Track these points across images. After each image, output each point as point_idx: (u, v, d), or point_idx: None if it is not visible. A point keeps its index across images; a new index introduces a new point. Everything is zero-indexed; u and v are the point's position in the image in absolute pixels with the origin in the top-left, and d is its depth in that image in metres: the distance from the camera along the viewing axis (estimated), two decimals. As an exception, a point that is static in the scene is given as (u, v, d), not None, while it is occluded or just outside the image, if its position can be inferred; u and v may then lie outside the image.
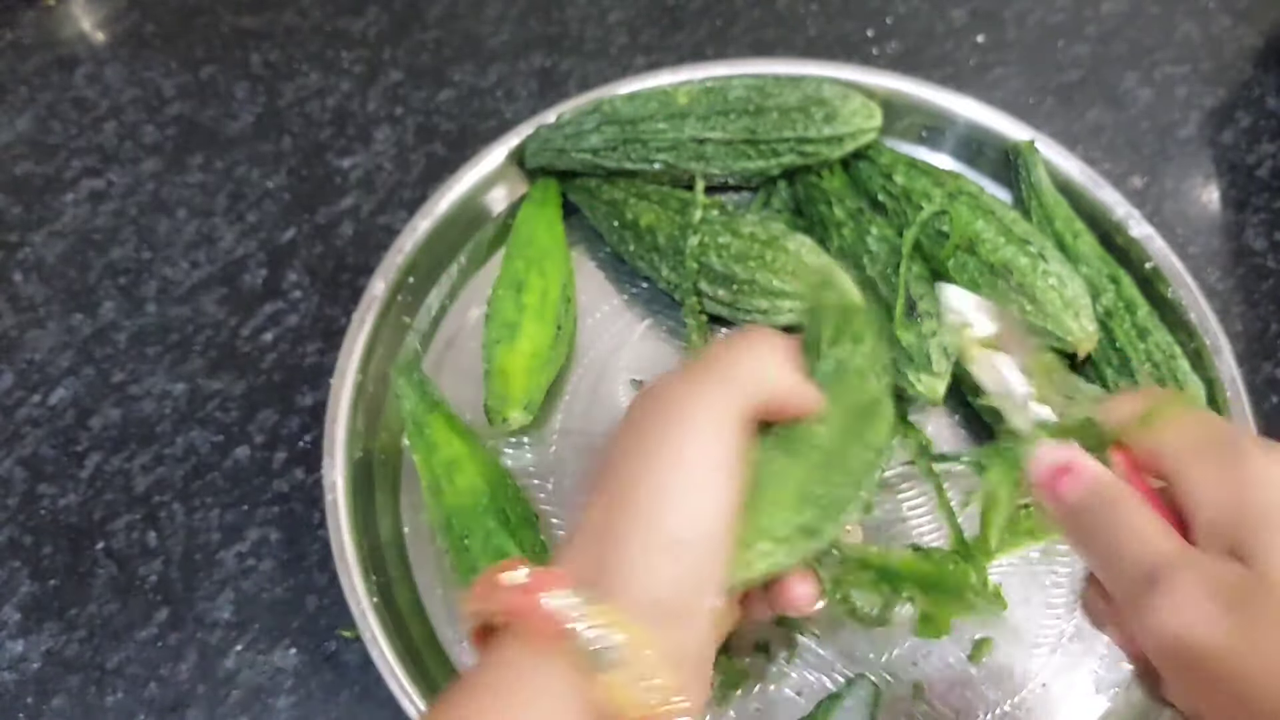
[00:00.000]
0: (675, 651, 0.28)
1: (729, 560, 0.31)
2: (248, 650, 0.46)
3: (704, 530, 0.30)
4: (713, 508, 0.30)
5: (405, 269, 0.50)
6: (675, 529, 0.29)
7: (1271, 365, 0.52)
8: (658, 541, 0.29)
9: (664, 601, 0.29)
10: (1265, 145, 0.60)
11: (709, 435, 0.30)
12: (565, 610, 0.28)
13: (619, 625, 0.27)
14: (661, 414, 0.31)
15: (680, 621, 0.29)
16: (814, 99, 0.51)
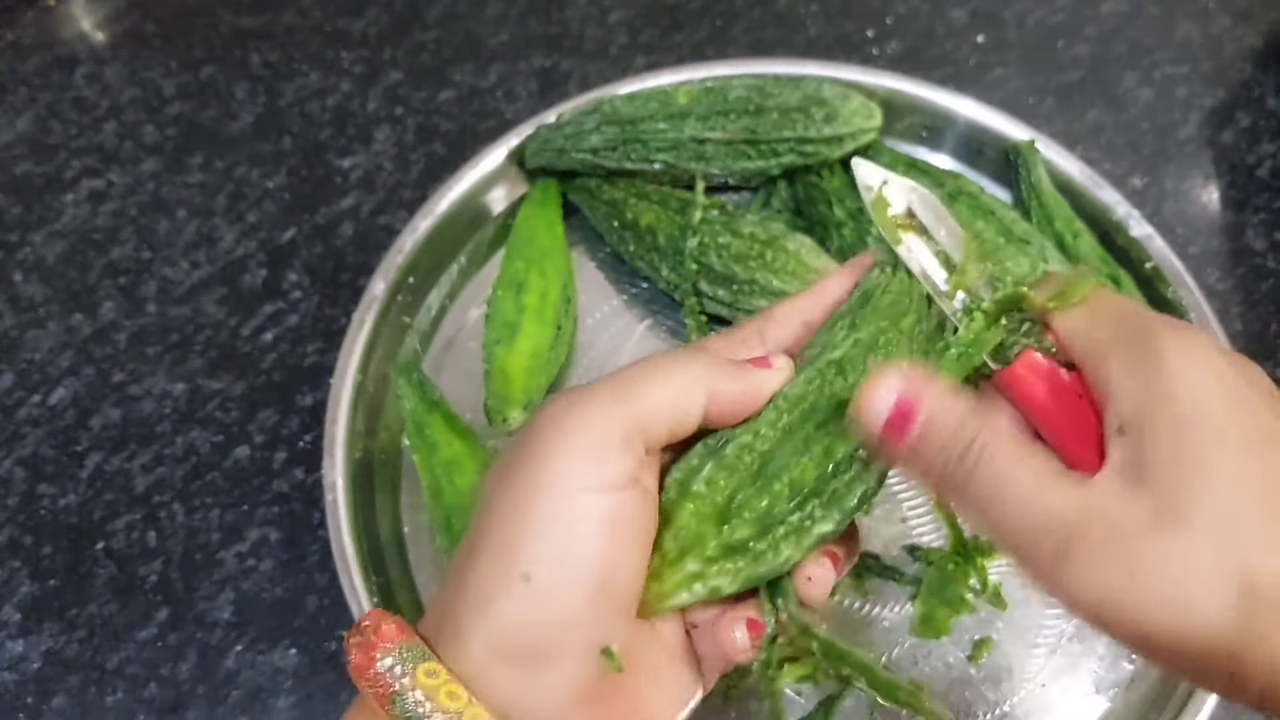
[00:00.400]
0: (530, 702, 0.26)
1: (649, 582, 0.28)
2: (248, 650, 0.46)
3: (566, 563, 0.26)
4: (579, 535, 0.26)
5: (405, 269, 0.50)
6: (527, 563, 0.26)
7: (1271, 365, 0.52)
8: (506, 578, 0.26)
9: (515, 645, 0.26)
10: (1265, 145, 0.60)
11: (580, 457, 0.26)
12: (391, 669, 0.25)
13: (442, 682, 0.25)
14: (533, 435, 0.27)
15: (539, 665, 0.26)
16: (814, 99, 0.51)
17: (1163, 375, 0.25)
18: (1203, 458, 0.24)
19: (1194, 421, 0.24)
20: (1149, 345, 0.26)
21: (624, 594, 0.27)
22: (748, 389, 0.29)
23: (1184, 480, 0.24)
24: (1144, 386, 0.25)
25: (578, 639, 0.26)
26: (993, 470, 0.25)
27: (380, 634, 0.26)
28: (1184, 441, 0.24)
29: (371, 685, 0.26)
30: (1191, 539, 0.23)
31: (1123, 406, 0.25)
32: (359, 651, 0.26)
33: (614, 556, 0.26)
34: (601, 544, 0.26)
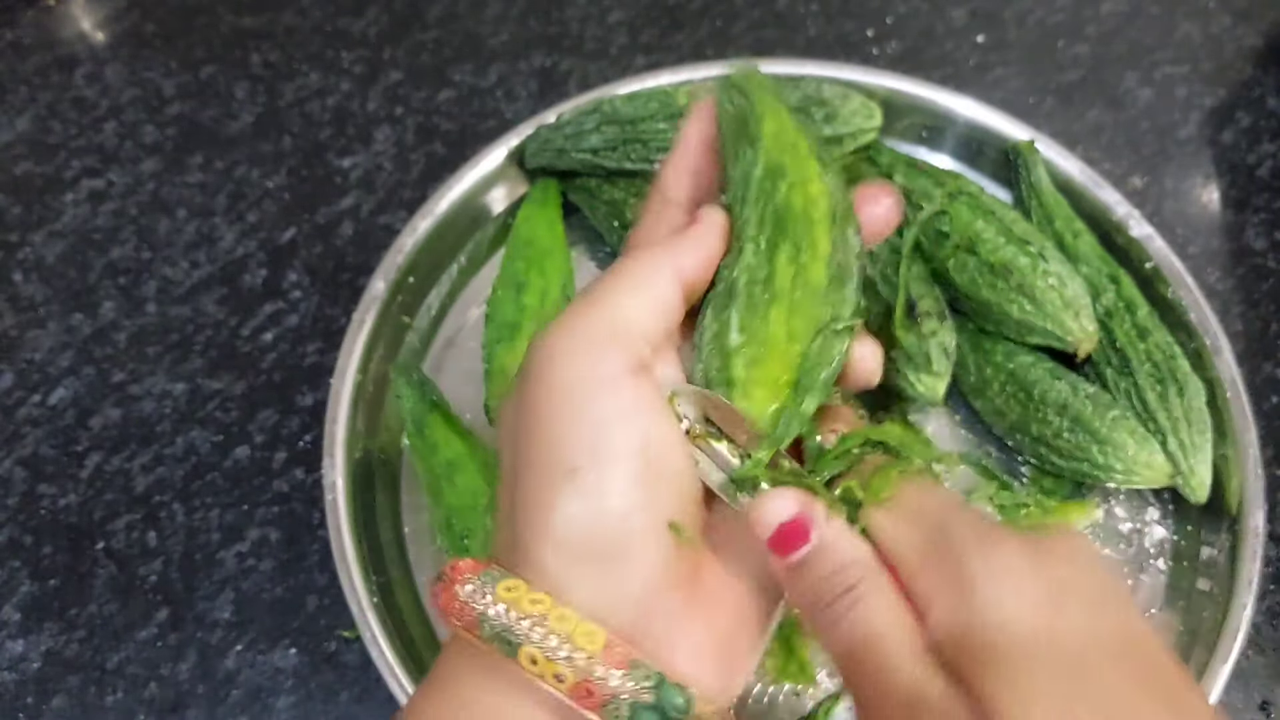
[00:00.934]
0: (612, 596, 0.26)
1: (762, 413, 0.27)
2: (248, 650, 0.46)
3: (604, 448, 0.26)
4: (607, 419, 0.26)
5: (405, 269, 0.50)
6: (569, 460, 0.26)
7: (1271, 365, 0.52)
8: (553, 482, 0.26)
9: (582, 543, 0.25)
10: (1265, 145, 0.60)
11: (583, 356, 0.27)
12: (473, 595, 0.25)
13: (523, 594, 0.25)
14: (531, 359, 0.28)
15: (611, 557, 0.26)
16: (814, 99, 0.51)
17: (971, 609, 0.24)
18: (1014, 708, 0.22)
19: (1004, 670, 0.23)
20: (957, 569, 0.25)
21: (674, 468, 0.27)
22: (702, 248, 0.29)
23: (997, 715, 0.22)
24: (954, 617, 0.24)
25: (641, 522, 0.26)
26: (865, 623, 0.25)
27: (457, 569, 0.26)
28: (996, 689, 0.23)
29: (459, 617, 0.26)
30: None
31: (937, 630, 0.24)
32: (442, 592, 0.26)
33: (650, 431, 0.26)
34: (631, 423, 0.26)
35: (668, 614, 0.26)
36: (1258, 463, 0.44)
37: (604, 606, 0.25)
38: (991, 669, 0.23)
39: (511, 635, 0.25)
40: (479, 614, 0.25)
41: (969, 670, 0.23)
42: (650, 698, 0.24)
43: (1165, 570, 0.46)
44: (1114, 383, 0.46)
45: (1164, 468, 0.43)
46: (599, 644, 0.25)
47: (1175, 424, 0.44)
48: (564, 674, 0.24)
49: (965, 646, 0.24)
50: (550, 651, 0.24)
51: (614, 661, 0.24)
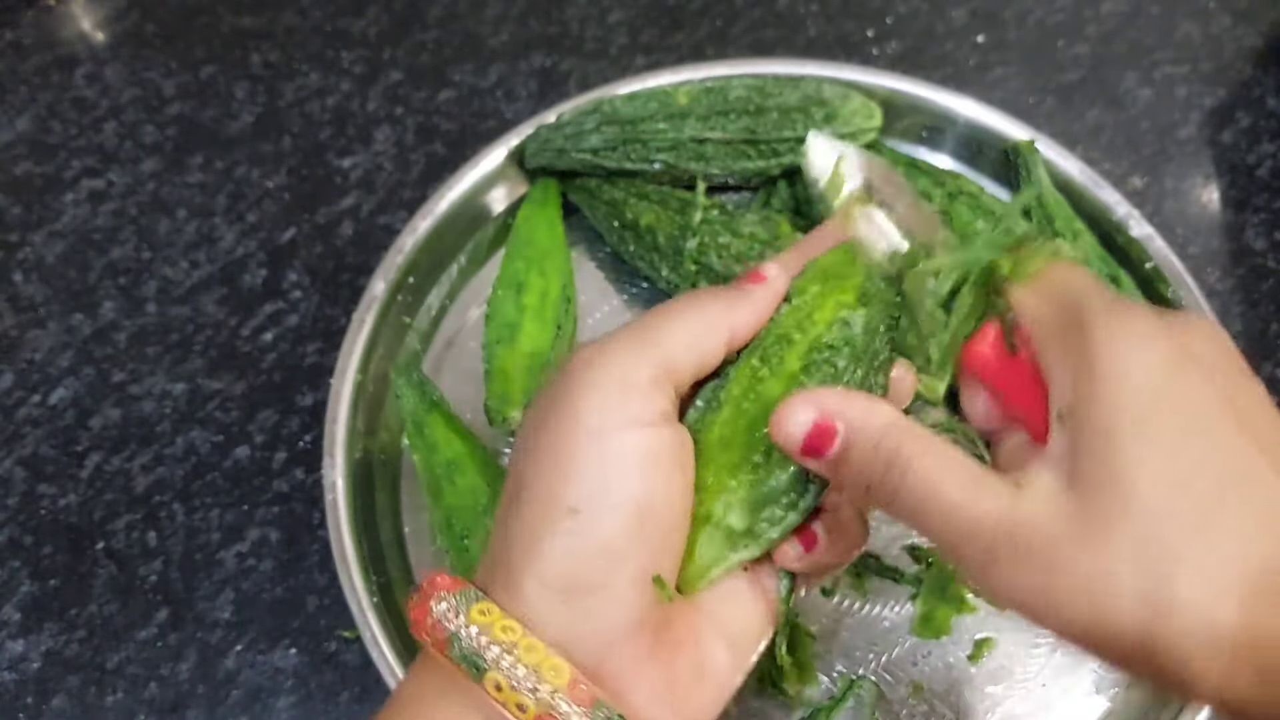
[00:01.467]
0: (589, 629, 0.26)
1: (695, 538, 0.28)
2: (248, 650, 0.46)
3: (610, 495, 0.26)
4: (619, 469, 0.27)
5: (405, 269, 0.50)
6: (572, 498, 0.26)
7: (1271, 365, 0.52)
8: (553, 515, 0.26)
9: (566, 579, 0.26)
10: (1265, 145, 0.60)
11: (613, 397, 0.27)
12: (446, 613, 0.26)
13: (496, 619, 0.26)
14: (564, 382, 0.28)
15: (590, 595, 0.26)
16: (814, 99, 0.51)
17: (1093, 369, 0.24)
18: (1129, 462, 0.23)
19: (1124, 411, 0.24)
20: (1084, 334, 0.25)
21: (668, 525, 0.28)
22: (756, 308, 0.30)
23: (1109, 487, 0.23)
24: (1076, 379, 0.25)
25: (627, 569, 0.27)
26: (918, 481, 0.25)
27: (434, 584, 0.27)
28: (1111, 444, 0.24)
29: (429, 634, 0.26)
30: (1110, 552, 0.23)
31: (1060, 397, 0.25)
32: (416, 605, 0.27)
33: (654, 488, 0.27)
34: (641, 476, 0.27)
35: (632, 655, 0.27)
36: (1258, 463, 0.44)
37: (572, 639, 0.26)
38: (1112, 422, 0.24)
39: (480, 660, 0.25)
40: (450, 634, 0.26)
41: (1084, 439, 0.24)
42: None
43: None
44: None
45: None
46: (564, 679, 0.25)
47: (1175, 424, 0.44)
48: (527, 705, 0.25)
49: (1083, 416, 0.24)
50: (516, 681, 0.25)
51: (578, 699, 0.25)
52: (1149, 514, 0.23)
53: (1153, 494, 0.23)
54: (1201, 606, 0.22)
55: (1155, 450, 0.23)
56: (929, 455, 0.25)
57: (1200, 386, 0.24)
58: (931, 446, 0.26)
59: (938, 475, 0.25)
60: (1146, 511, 0.23)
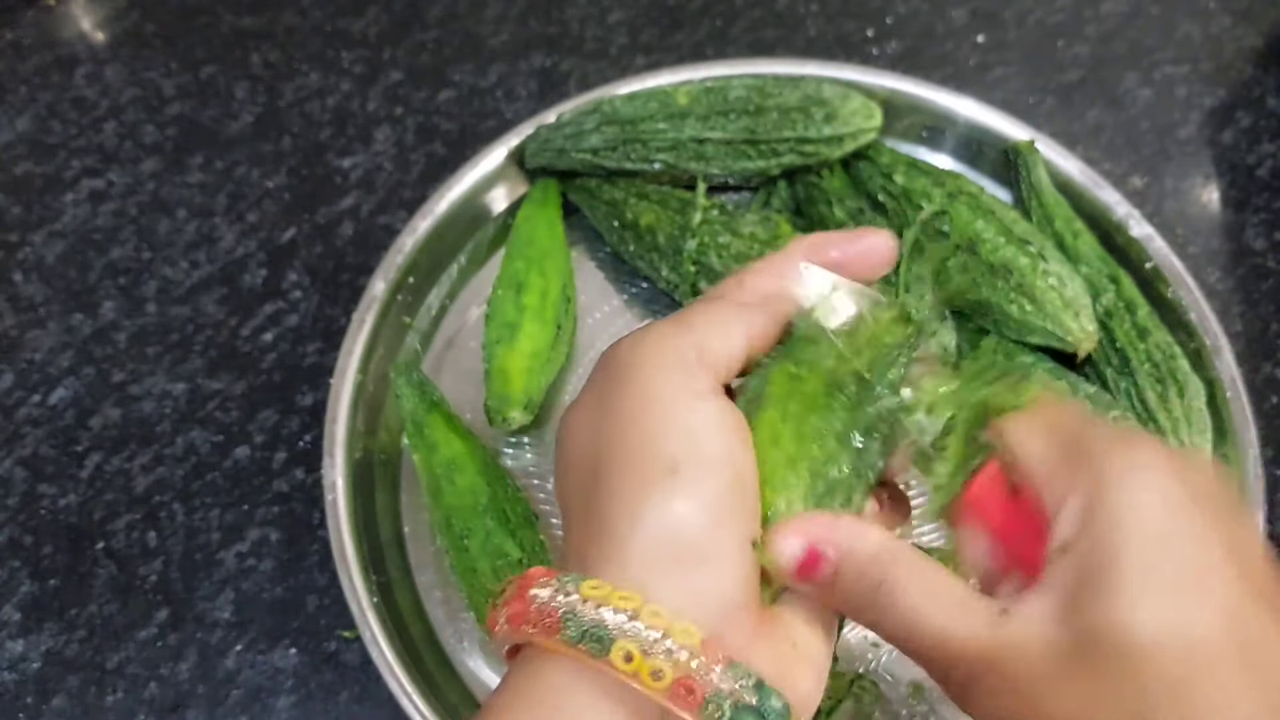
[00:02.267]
0: (703, 597, 0.25)
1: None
2: (248, 650, 0.46)
3: (705, 454, 0.26)
4: (706, 428, 0.26)
5: (405, 269, 0.50)
6: (670, 458, 0.25)
7: (1271, 365, 0.52)
8: (651, 476, 0.25)
9: (673, 546, 0.25)
10: (1265, 145, 0.60)
11: (676, 371, 0.27)
12: (553, 597, 0.24)
13: (610, 591, 0.24)
14: (616, 369, 0.28)
15: (702, 562, 0.25)
16: (814, 99, 0.51)
17: (1104, 503, 0.24)
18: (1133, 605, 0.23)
19: (1129, 561, 0.23)
20: (1093, 467, 0.25)
21: (753, 491, 0.27)
22: (773, 322, 0.30)
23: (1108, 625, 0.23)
24: (1084, 513, 0.24)
25: (731, 533, 0.25)
26: (903, 606, 0.25)
27: (528, 577, 0.25)
28: (1117, 583, 0.23)
29: (535, 623, 0.24)
30: (1101, 692, 0.22)
31: (1063, 528, 0.25)
32: (509, 603, 0.25)
33: (737, 451, 0.26)
34: (726, 437, 0.26)
35: (749, 628, 0.25)
36: (1258, 463, 0.44)
37: (688, 610, 0.24)
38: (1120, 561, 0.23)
39: (603, 631, 0.23)
40: (564, 613, 0.24)
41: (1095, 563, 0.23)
42: (752, 699, 0.24)
43: (1165, 570, 0.46)
44: (1114, 383, 0.46)
45: (1164, 468, 0.43)
46: (697, 640, 0.24)
47: (1175, 424, 0.44)
48: (663, 670, 0.23)
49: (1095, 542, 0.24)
50: (649, 646, 0.23)
51: (714, 659, 0.24)
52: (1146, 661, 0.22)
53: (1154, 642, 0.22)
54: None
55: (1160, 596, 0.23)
56: (914, 580, 0.25)
57: (1207, 530, 0.24)
58: (917, 571, 0.25)
59: (923, 601, 0.25)
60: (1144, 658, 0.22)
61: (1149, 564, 0.23)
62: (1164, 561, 0.23)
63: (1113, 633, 0.22)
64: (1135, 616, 0.22)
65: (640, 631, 0.23)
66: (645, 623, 0.23)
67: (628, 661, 0.23)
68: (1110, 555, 0.23)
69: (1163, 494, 0.24)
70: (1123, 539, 0.23)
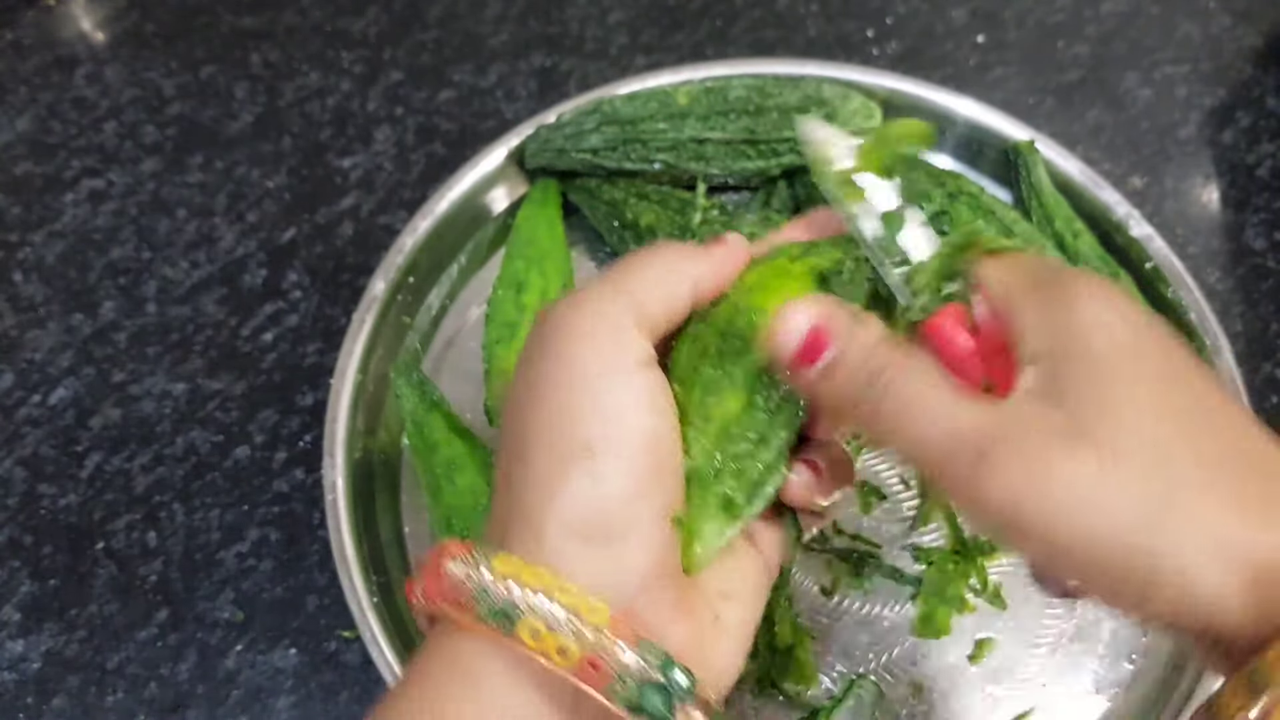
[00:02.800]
0: (619, 573, 0.25)
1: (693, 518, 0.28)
2: (248, 650, 0.46)
3: (623, 432, 0.26)
4: (627, 405, 0.26)
5: (405, 269, 0.50)
6: (586, 437, 0.26)
7: (1271, 365, 0.52)
8: (568, 456, 0.26)
9: (589, 522, 0.25)
10: (1265, 145, 0.60)
11: (605, 341, 0.27)
12: (465, 572, 0.24)
13: (521, 567, 0.24)
14: (551, 336, 0.28)
15: (617, 538, 0.25)
16: (814, 99, 0.51)
17: (1074, 314, 0.25)
18: (1119, 387, 0.24)
19: (1107, 354, 0.24)
20: (1062, 288, 0.26)
21: (674, 466, 0.27)
22: (717, 265, 0.30)
23: (1099, 405, 0.24)
24: (1056, 324, 0.25)
25: (648, 509, 0.26)
26: (904, 394, 0.25)
27: (444, 551, 0.25)
28: (1098, 371, 0.24)
29: (447, 598, 0.24)
30: (1109, 460, 0.23)
31: (1035, 343, 0.26)
32: (424, 579, 0.25)
33: (660, 427, 0.27)
34: (649, 414, 0.27)
35: (664, 603, 0.26)
36: (1258, 463, 0.44)
37: (602, 587, 0.25)
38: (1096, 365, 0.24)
39: (511, 609, 0.24)
40: (475, 589, 0.24)
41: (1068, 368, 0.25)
42: (659, 676, 0.24)
43: (1165, 570, 0.46)
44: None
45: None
46: (605, 618, 0.24)
47: (1175, 424, 0.44)
48: (569, 648, 0.23)
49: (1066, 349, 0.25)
50: (555, 624, 0.23)
51: (622, 636, 0.24)
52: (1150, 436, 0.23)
53: (1149, 420, 0.24)
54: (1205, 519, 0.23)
55: (1144, 385, 0.24)
56: (916, 368, 0.26)
57: (1172, 347, 0.26)
58: (918, 361, 0.26)
59: (926, 387, 0.25)
60: (1147, 433, 0.23)
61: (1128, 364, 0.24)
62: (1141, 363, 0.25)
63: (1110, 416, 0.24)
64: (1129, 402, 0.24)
65: (548, 609, 0.24)
66: (555, 600, 0.24)
67: (535, 638, 0.23)
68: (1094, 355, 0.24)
69: (1128, 318, 0.26)
70: (1104, 343, 0.25)
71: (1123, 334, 0.25)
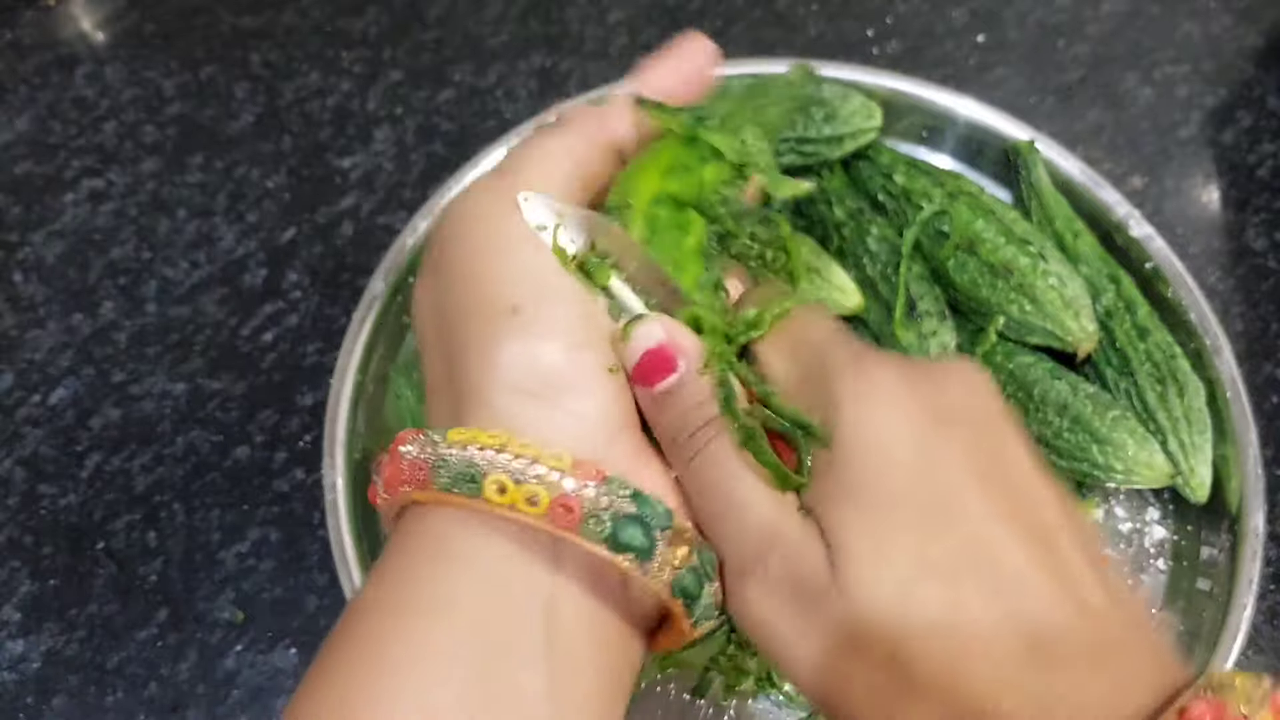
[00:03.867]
0: (574, 425, 0.24)
1: None
2: (248, 650, 0.46)
3: (543, 288, 0.25)
4: (542, 263, 0.26)
5: (406, 269, 0.50)
6: (509, 298, 0.25)
7: (1271, 365, 0.52)
8: (496, 321, 0.25)
9: (534, 379, 0.24)
10: (1266, 145, 0.60)
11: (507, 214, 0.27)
12: (421, 449, 0.24)
13: (477, 433, 0.24)
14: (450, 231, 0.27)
15: (565, 391, 0.25)
16: (814, 99, 0.51)
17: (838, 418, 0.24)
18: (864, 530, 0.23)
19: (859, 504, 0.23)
20: (829, 393, 0.24)
21: (605, 321, 0.27)
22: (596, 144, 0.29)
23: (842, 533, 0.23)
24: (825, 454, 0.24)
25: (588, 359, 0.25)
26: (716, 461, 0.25)
27: (398, 439, 0.25)
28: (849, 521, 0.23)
29: (408, 480, 0.24)
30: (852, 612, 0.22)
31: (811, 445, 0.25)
32: (383, 469, 0.25)
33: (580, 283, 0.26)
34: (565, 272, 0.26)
35: (619, 454, 0.25)
36: (1258, 463, 0.44)
37: (558, 441, 0.24)
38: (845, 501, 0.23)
39: (474, 470, 0.23)
40: (434, 463, 0.23)
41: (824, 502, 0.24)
42: (632, 508, 0.23)
43: (1165, 570, 0.46)
44: (1114, 383, 0.46)
45: (1164, 468, 0.43)
46: (568, 462, 0.23)
47: (1175, 424, 0.44)
48: (537, 495, 0.23)
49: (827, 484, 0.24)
50: (519, 474, 0.23)
51: (588, 475, 0.23)
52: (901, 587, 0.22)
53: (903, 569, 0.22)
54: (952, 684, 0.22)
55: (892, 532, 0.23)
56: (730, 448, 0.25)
57: (950, 456, 0.23)
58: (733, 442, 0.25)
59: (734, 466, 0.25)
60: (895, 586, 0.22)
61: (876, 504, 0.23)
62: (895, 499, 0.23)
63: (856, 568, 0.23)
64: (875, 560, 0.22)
65: (510, 463, 0.23)
66: (514, 453, 0.23)
67: (501, 493, 0.23)
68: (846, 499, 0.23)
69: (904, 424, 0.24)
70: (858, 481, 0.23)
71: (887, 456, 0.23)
